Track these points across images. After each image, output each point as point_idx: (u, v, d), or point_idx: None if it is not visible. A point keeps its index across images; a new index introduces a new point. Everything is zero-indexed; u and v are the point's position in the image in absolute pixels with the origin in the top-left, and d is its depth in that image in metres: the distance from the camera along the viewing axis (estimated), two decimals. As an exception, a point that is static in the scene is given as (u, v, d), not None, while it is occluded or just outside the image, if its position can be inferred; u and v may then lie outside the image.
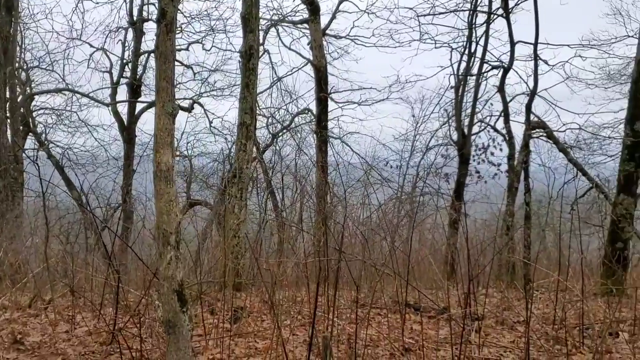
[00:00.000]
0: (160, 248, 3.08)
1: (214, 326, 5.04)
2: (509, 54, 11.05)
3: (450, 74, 12.63)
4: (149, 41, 16.08)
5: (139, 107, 16.49)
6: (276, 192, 14.71)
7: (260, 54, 14.29)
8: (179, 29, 15.46)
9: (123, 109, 16.63)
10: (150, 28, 16.03)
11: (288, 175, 15.18)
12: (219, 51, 15.93)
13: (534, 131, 10.66)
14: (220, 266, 6.87)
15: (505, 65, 11.06)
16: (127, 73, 16.53)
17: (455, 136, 12.91)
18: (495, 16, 11.11)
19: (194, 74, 16.44)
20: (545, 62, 11.33)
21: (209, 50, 15.77)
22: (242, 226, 7.48)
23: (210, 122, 16.56)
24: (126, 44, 16.33)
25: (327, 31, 14.33)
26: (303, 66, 14.45)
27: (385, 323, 5.31)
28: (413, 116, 16.45)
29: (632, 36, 12.41)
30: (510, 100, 11.52)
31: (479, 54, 11.94)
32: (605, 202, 11.92)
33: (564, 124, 11.93)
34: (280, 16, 14.26)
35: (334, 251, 5.76)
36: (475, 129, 12.80)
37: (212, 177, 16.92)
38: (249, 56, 7.72)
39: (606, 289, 6.41)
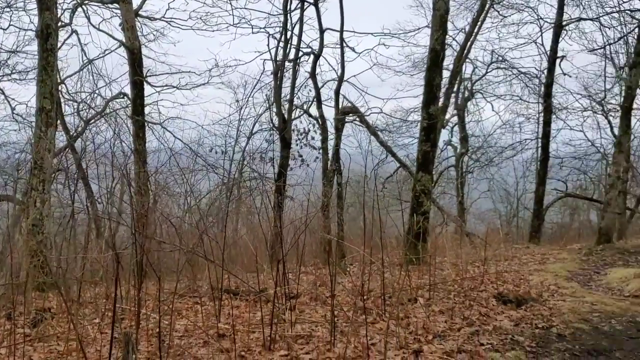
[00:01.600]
0: None
1: (9, 332, 4.59)
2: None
3: (268, 59, 12.82)
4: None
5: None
6: (91, 182, 13.78)
7: (68, 34, 13.24)
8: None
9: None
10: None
11: (106, 165, 14.31)
12: (19, 31, 14.36)
13: (346, 116, 11.26)
14: (23, 266, 6.29)
15: (316, 52, 11.49)
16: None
17: (277, 121, 13.15)
18: (308, 4, 11.45)
19: (-10, 55, 14.66)
20: (352, 49, 12.04)
21: (6, 30, 14.14)
22: (46, 221, 6.89)
23: (13, 109, 14.99)
24: None
25: (141, 12, 13.68)
26: (116, 48, 13.71)
27: (204, 311, 5.26)
28: (237, 101, 16.43)
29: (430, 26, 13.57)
30: (322, 86, 12.06)
31: (295, 40, 12.26)
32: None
33: (369, 108, 12.80)
34: (88, -6, 13.26)
35: (153, 243, 5.56)
36: (295, 114, 13.18)
37: (19, 169, 15.35)
38: (47, 36, 7.12)
39: (408, 259, 6.98)
